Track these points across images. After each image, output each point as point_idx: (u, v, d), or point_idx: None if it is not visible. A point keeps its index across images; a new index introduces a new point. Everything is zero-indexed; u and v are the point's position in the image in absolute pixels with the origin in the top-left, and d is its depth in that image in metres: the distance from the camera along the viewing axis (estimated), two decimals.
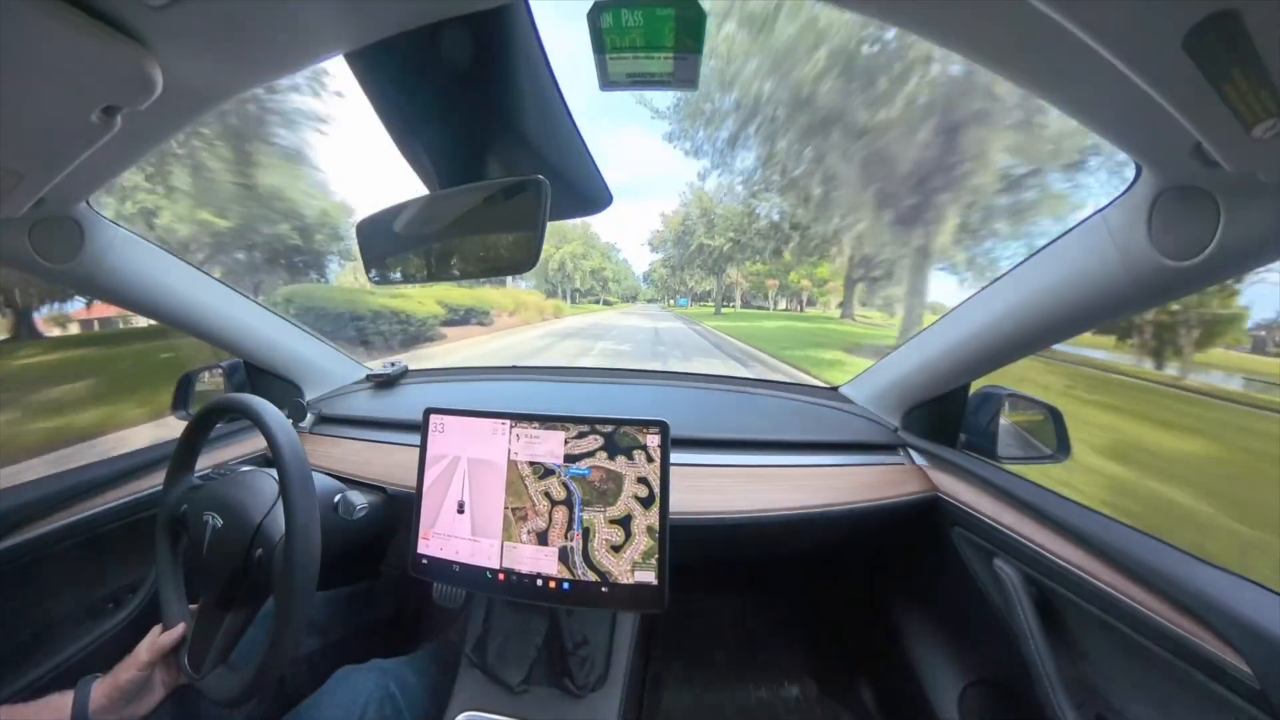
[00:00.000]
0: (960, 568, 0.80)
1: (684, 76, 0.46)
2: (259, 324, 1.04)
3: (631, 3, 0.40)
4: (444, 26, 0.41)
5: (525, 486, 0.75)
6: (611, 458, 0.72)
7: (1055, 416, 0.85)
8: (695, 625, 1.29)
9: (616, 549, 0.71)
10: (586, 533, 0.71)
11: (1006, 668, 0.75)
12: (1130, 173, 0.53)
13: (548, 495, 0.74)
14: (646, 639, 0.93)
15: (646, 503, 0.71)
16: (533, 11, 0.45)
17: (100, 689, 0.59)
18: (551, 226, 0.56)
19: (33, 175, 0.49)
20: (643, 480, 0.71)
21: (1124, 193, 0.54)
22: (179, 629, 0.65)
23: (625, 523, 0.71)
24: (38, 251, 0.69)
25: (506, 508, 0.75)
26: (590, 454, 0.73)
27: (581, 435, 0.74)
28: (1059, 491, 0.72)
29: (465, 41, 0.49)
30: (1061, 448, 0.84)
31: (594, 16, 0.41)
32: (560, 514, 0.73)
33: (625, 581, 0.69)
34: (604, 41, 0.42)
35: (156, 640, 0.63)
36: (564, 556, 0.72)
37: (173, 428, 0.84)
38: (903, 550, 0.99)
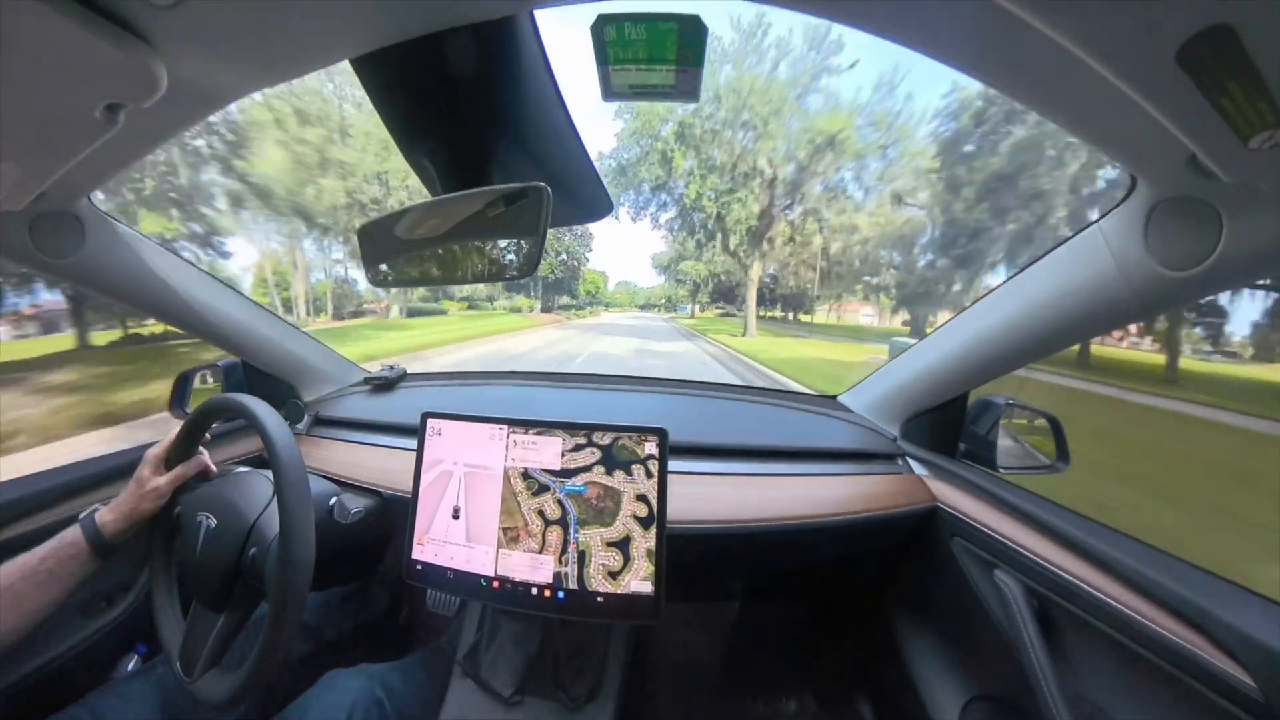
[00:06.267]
0: (961, 579, 0.80)
1: (685, 89, 0.47)
2: (258, 324, 1.04)
3: (634, 16, 0.41)
4: (450, 34, 0.41)
5: (518, 504, 0.72)
6: (609, 473, 0.70)
7: (1055, 425, 0.85)
8: (691, 637, 1.28)
9: (614, 575, 0.68)
10: (582, 556, 0.69)
11: (1009, 683, 0.74)
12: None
13: (541, 514, 0.71)
14: (641, 650, 0.92)
15: (646, 523, 0.68)
16: (537, 21, 0.46)
17: (108, 511, 0.65)
18: None
19: (34, 170, 0.49)
20: (642, 498, 0.69)
21: (1119, 203, 0.55)
22: (166, 441, 0.72)
23: (624, 545, 0.68)
24: (38, 246, 0.69)
25: (499, 527, 0.72)
26: (587, 468, 0.71)
27: (579, 447, 0.72)
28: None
29: (470, 49, 0.49)
30: (1061, 457, 0.84)
31: (598, 29, 0.41)
32: (554, 535, 0.70)
33: (620, 592, 0.68)
34: (607, 53, 0.43)
35: (154, 454, 0.70)
36: (558, 583, 0.69)
37: None
38: (902, 561, 0.98)
